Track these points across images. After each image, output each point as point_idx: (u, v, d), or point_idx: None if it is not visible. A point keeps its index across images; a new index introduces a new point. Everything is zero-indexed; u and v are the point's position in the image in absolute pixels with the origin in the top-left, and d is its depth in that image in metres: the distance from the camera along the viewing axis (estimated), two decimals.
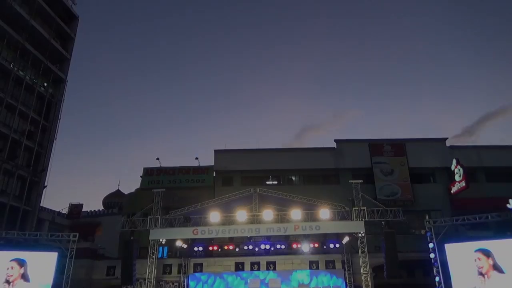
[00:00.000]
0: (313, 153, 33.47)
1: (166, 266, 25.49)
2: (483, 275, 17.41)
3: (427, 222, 20.58)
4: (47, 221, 33.32)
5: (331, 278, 23.86)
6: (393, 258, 19.74)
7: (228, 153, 33.71)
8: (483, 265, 17.44)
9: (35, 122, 31.77)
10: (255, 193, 23.11)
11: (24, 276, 19.37)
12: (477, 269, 17.58)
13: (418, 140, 33.62)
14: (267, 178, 33.44)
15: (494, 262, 17.24)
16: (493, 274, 17.20)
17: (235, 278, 24.36)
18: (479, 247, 17.90)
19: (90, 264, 25.73)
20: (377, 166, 32.06)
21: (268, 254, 25.13)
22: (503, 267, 17.02)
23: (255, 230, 21.10)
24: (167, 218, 22.04)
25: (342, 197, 24.05)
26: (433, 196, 30.80)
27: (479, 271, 17.51)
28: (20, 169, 29.36)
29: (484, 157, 31.96)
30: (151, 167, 34.12)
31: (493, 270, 17.22)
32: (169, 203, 26.20)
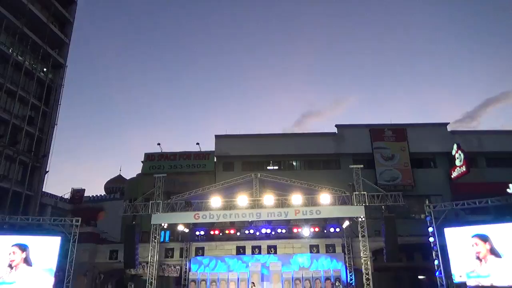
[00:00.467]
0: (314, 138, 33.46)
1: (168, 250, 25.79)
2: (480, 260, 17.67)
3: (427, 207, 20.74)
4: (49, 206, 33.61)
5: (331, 261, 24.13)
6: (393, 242, 19.94)
7: (228, 139, 33.73)
8: (480, 250, 17.72)
9: (35, 107, 31.73)
10: (256, 178, 23.21)
11: (27, 260, 19.67)
12: (474, 254, 17.82)
13: (419, 125, 33.55)
14: (268, 163, 33.52)
15: (491, 246, 17.49)
16: (490, 259, 17.46)
17: (236, 261, 24.66)
18: (476, 233, 18.13)
19: (93, 248, 26.04)
20: (377, 151, 32.09)
21: (269, 238, 25.37)
22: (500, 252, 17.24)
23: (256, 214, 21.26)
24: (169, 203, 22.20)
25: (342, 182, 24.15)
26: (433, 181, 30.91)
27: (477, 255, 17.78)
28: (21, 155, 29.45)
29: (485, 142, 31.96)
30: (152, 152, 34.20)
31: (490, 255, 17.49)
32: (170, 188, 26.39)
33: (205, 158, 33.41)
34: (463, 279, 17.84)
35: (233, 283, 23.08)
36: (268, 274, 23.42)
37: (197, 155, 33.62)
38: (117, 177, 54.02)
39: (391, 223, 20.16)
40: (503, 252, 17.16)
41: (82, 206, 36.09)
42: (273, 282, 23.04)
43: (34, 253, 19.99)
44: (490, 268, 17.26)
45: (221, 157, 33.14)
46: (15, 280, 19.27)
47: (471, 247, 17.97)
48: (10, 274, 19.28)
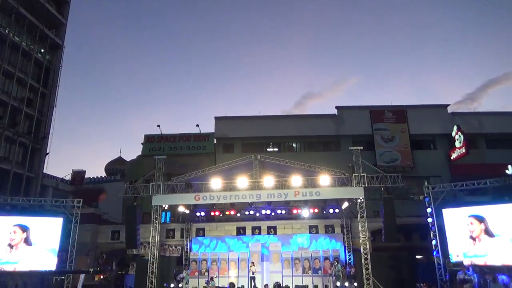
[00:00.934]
0: (314, 120, 33.38)
1: (169, 231, 26.10)
2: (473, 239, 17.95)
3: (426, 188, 20.88)
4: (50, 187, 33.84)
5: (330, 241, 24.44)
6: (391, 223, 20.14)
7: (228, 120, 33.65)
8: (475, 229, 18.01)
9: (34, 89, 31.56)
10: (256, 160, 23.27)
11: (27, 240, 19.97)
12: (468, 233, 18.10)
13: (419, 107, 33.41)
14: (268, 145, 33.54)
15: (486, 227, 17.74)
16: (483, 238, 17.74)
17: (236, 242, 24.98)
18: (473, 213, 18.35)
19: (95, 228, 26.35)
20: (377, 132, 32.07)
21: (268, 219, 25.61)
22: (495, 232, 17.46)
23: (256, 196, 21.38)
24: (169, 185, 22.31)
25: (342, 164, 24.22)
26: (433, 162, 31.00)
27: (470, 235, 18.06)
28: (21, 136, 29.47)
29: (485, 124, 31.90)
30: (152, 134, 34.18)
31: (484, 235, 17.75)
32: (170, 170, 26.49)
33: (205, 140, 33.41)
34: (460, 258, 18.11)
35: (234, 263, 23.43)
36: (268, 254, 23.74)
37: (197, 137, 33.61)
38: (117, 158, 54.16)
39: (390, 204, 20.30)
40: (499, 232, 17.36)
41: (83, 187, 36.33)
42: (273, 261, 23.38)
43: (37, 233, 20.27)
44: (483, 248, 17.55)
45: (220, 138, 33.14)
46: (19, 260, 19.58)
47: (466, 226, 18.25)
48: (10, 253, 19.55)
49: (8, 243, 19.75)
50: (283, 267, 22.99)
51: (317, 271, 22.66)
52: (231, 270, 23.21)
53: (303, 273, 22.69)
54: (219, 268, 23.32)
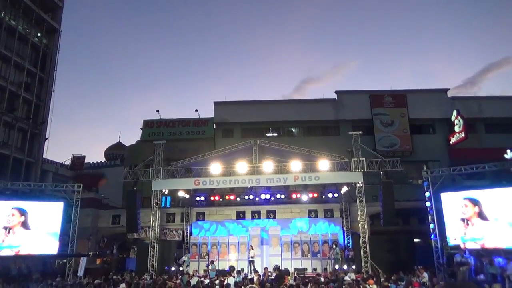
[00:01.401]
0: (313, 105, 33.29)
1: (169, 215, 26.31)
2: (466, 222, 18.13)
3: (425, 172, 20.97)
4: (50, 172, 33.90)
5: (329, 225, 24.68)
6: (390, 207, 20.29)
7: (227, 105, 33.53)
8: (468, 212, 18.13)
9: (31, 73, 31.32)
10: (255, 145, 23.29)
11: (24, 224, 19.99)
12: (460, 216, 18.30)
13: (419, 91, 33.30)
14: (267, 130, 33.52)
15: (480, 210, 17.84)
16: (476, 221, 17.87)
17: (236, 226, 25.21)
18: (467, 196, 18.49)
19: (96, 213, 26.54)
20: (377, 117, 32.03)
21: (268, 204, 25.80)
22: (488, 215, 17.59)
23: (256, 180, 21.46)
24: (169, 169, 22.37)
25: (341, 148, 24.27)
26: (432, 147, 31.07)
27: (463, 217, 18.23)
28: (20, 122, 29.38)
29: (485, 108, 31.86)
30: (151, 119, 34.10)
31: (477, 218, 17.87)
32: (170, 155, 26.51)
33: (204, 124, 33.36)
34: (458, 242, 18.32)
35: (234, 247, 23.69)
36: (268, 238, 23.99)
37: (196, 122, 33.55)
38: (116, 143, 54.22)
39: (388, 188, 20.43)
40: (496, 216, 17.49)
41: (83, 172, 36.40)
42: (272, 245, 23.65)
43: (39, 218, 20.37)
44: (476, 231, 17.68)
45: (220, 123, 33.09)
46: (20, 244, 19.73)
47: (460, 208, 18.42)
48: (7, 237, 19.57)
49: (5, 225, 19.71)
50: (282, 251, 23.27)
51: (316, 254, 22.95)
52: (231, 253, 23.49)
53: (302, 256, 22.99)
54: (219, 252, 23.60)
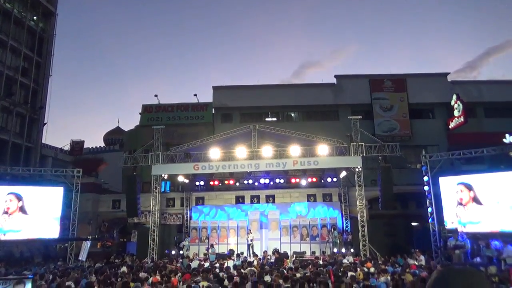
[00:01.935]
0: (312, 89, 33.07)
1: (169, 200, 26.46)
2: (462, 206, 18.30)
3: (423, 157, 21.03)
4: (50, 157, 33.94)
5: (328, 209, 24.86)
6: (388, 191, 20.43)
7: (226, 90, 33.31)
8: (464, 197, 18.30)
9: (28, 58, 31.01)
10: (254, 130, 23.28)
11: (22, 209, 20.13)
12: (457, 201, 18.47)
13: (419, 76, 33.07)
14: (266, 114, 33.38)
15: (475, 195, 18.02)
16: (471, 206, 18.05)
17: (235, 210, 25.38)
18: (462, 181, 18.63)
19: (96, 198, 26.67)
20: (376, 102, 31.88)
21: (267, 188, 25.92)
22: (486, 200, 17.74)
23: (255, 165, 21.51)
24: (168, 154, 22.39)
25: (340, 133, 24.26)
26: (431, 131, 31.03)
27: (459, 201, 18.41)
28: (18, 107, 29.24)
29: (485, 92, 31.70)
30: (150, 104, 33.89)
31: (472, 202, 18.05)
32: (169, 140, 26.46)
33: (203, 109, 33.19)
34: (455, 225, 18.52)
35: (233, 230, 23.90)
36: (267, 222, 24.19)
37: (195, 107, 33.36)
38: (115, 128, 54.04)
39: (387, 173, 20.52)
40: (493, 200, 17.62)
41: (82, 157, 36.39)
42: (272, 229, 23.86)
43: (39, 202, 20.49)
44: (470, 215, 17.91)
45: (219, 108, 32.93)
46: (21, 228, 19.89)
47: (455, 194, 18.60)
48: (5, 222, 19.76)
49: (4, 210, 19.87)
50: (281, 235, 23.50)
51: (315, 238, 23.18)
52: (231, 237, 23.72)
53: (301, 240, 23.23)
54: (219, 236, 23.81)
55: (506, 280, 9.67)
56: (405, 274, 10.71)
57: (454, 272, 1.73)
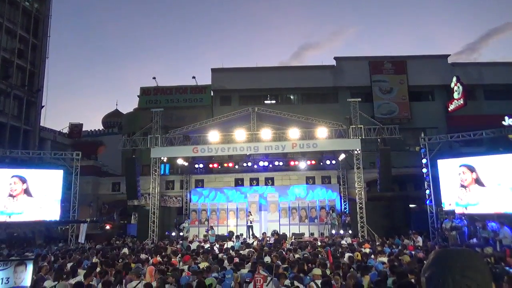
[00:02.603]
0: (312, 71, 32.83)
1: (168, 182, 26.59)
2: (465, 188, 18.38)
3: (422, 139, 21.05)
4: (49, 140, 33.88)
5: (327, 192, 25.02)
6: (386, 174, 20.53)
7: (225, 72, 33.06)
8: (466, 178, 18.33)
9: (24, 40, 30.61)
10: (253, 112, 23.18)
11: (27, 191, 20.27)
12: (459, 183, 18.52)
13: (419, 57, 32.80)
14: (265, 97, 33.24)
15: (477, 176, 18.07)
16: (473, 188, 18.12)
17: (235, 192, 25.54)
18: (464, 163, 18.64)
19: (96, 180, 26.78)
20: (376, 84, 31.71)
21: (266, 171, 26.02)
22: (485, 182, 17.84)
23: (254, 148, 21.53)
24: (167, 137, 22.37)
25: (340, 116, 24.20)
26: (430, 113, 30.98)
27: (461, 183, 18.47)
28: (15, 89, 29.02)
29: (485, 74, 31.51)
30: (148, 86, 33.68)
31: (474, 184, 18.12)
32: (167, 123, 26.44)
33: (202, 92, 33.01)
34: (452, 207, 18.69)
35: (232, 213, 24.10)
36: (266, 204, 24.37)
37: (194, 89, 33.17)
38: (114, 111, 53.79)
39: (386, 155, 20.57)
40: (489, 181, 17.72)
41: (81, 140, 36.38)
42: (271, 211, 24.06)
43: (40, 185, 20.59)
44: (473, 196, 17.98)
45: (217, 91, 32.76)
46: (23, 211, 20.05)
47: (458, 176, 18.63)
48: (12, 203, 19.94)
49: (9, 193, 20.02)
50: (280, 216, 23.71)
51: (313, 219, 23.40)
52: (230, 219, 23.92)
53: (300, 221, 23.45)
54: (218, 218, 24.02)
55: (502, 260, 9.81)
56: (402, 255, 10.86)
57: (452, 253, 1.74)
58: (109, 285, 7.13)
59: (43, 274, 8.61)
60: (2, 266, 6.02)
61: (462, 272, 1.60)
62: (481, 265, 1.67)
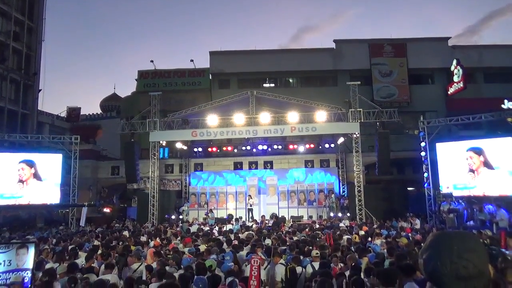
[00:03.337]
0: (311, 54, 32.54)
1: (167, 166, 26.66)
2: (473, 172, 18.26)
3: (421, 123, 21.05)
4: (47, 124, 33.76)
5: (325, 175, 25.14)
6: (385, 157, 20.60)
7: (224, 55, 32.75)
8: (474, 163, 18.16)
9: (19, 22, 30.16)
10: (252, 96, 23.08)
11: (36, 175, 20.36)
12: (468, 167, 18.37)
13: (419, 40, 32.49)
14: (264, 80, 33.02)
15: (485, 159, 17.91)
16: (483, 171, 18.00)
17: (234, 176, 25.65)
18: (471, 146, 18.45)
19: (95, 164, 26.82)
20: (375, 67, 31.51)
21: (265, 154, 26.06)
22: (493, 164, 17.77)
23: (253, 132, 21.53)
24: (166, 121, 22.32)
25: (339, 99, 24.12)
26: (430, 97, 30.88)
27: (470, 168, 18.30)
28: (11, 73, 28.76)
29: (485, 57, 31.28)
30: (146, 69, 33.41)
31: (483, 167, 17.99)
32: (166, 106, 26.34)
33: (200, 75, 32.79)
34: (450, 190, 18.82)
35: (232, 196, 24.26)
36: (265, 188, 24.52)
37: (192, 72, 32.94)
38: (111, 95, 53.41)
39: (384, 139, 20.60)
40: (496, 164, 17.72)
41: (80, 124, 36.24)
42: (270, 194, 24.23)
43: (40, 169, 20.64)
44: (483, 180, 17.81)
45: (216, 74, 32.54)
46: (23, 195, 20.14)
47: (463, 160, 18.45)
48: (22, 189, 20.09)
49: (19, 179, 20.11)
50: (279, 200, 23.89)
51: (312, 202, 23.58)
52: (229, 202, 24.10)
53: (299, 205, 23.63)
54: (218, 201, 24.19)
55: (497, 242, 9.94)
56: (400, 238, 10.98)
57: (449, 235, 1.76)
58: (112, 268, 7.21)
59: (44, 257, 8.70)
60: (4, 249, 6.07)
61: (460, 254, 1.62)
62: (478, 247, 1.69)
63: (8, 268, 6.04)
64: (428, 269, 1.68)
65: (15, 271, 6.03)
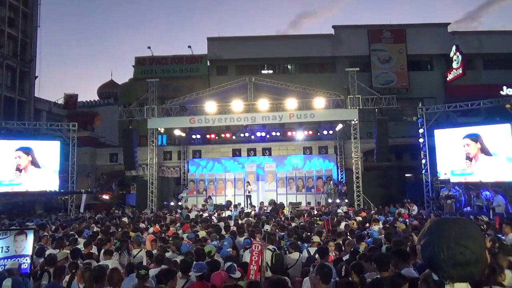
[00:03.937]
0: (309, 40, 32.26)
1: (166, 153, 26.64)
2: (470, 159, 18.32)
3: (420, 109, 21.03)
4: (44, 111, 33.63)
5: (324, 162, 25.18)
6: (383, 144, 20.63)
7: (221, 41, 32.44)
8: (471, 150, 18.21)
9: (14, 7, 29.76)
10: (250, 82, 22.95)
11: (34, 162, 20.34)
12: (465, 154, 18.40)
13: (418, 26, 32.20)
14: (263, 67, 32.81)
15: (483, 145, 17.93)
16: (480, 157, 18.05)
17: (232, 163, 25.68)
18: (467, 133, 18.48)
19: (93, 151, 26.78)
20: (374, 53, 31.28)
21: (263, 141, 26.04)
22: (491, 151, 17.81)
23: (251, 118, 21.47)
24: (164, 108, 22.22)
25: (337, 86, 23.99)
26: (428, 83, 30.77)
27: (467, 155, 18.35)
28: (7, 59, 28.50)
29: (484, 43, 31.06)
30: (143, 56, 33.09)
31: (480, 153, 18.02)
32: (163, 93, 26.18)
33: (198, 61, 32.51)
34: (448, 176, 18.91)
35: (230, 183, 24.33)
36: (263, 174, 24.57)
37: (190, 59, 32.64)
38: (109, 82, 53.02)
39: (383, 125, 20.60)
40: (493, 151, 17.76)
41: (77, 111, 36.02)
42: (268, 181, 24.29)
43: (38, 156, 20.62)
44: (480, 167, 17.87)
45: (214, 60, 32.27)
46: (22, 182, 20.16)
47: (460, 147, 18.51)
48: (20, 177, 20.08)
49: (16, 167, 20.08)
50: (277, 186, 23.96)
51: (310, 189, 23.67)
52: (228, 189, 24.16)
53: (297, 191, 23.72)
54: (216, 188, 24.25)
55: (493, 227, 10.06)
56: (397, 223, 11.08)
57: (446, 221, 1.77)
58: (111, 254, 7.26)
59: (44, 244, 8.75)
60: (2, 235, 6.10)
61: (457, 239, 1.63)
62: (475, 233, 1.70)
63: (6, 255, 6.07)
64: (425, 255, 1.69)
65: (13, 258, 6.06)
